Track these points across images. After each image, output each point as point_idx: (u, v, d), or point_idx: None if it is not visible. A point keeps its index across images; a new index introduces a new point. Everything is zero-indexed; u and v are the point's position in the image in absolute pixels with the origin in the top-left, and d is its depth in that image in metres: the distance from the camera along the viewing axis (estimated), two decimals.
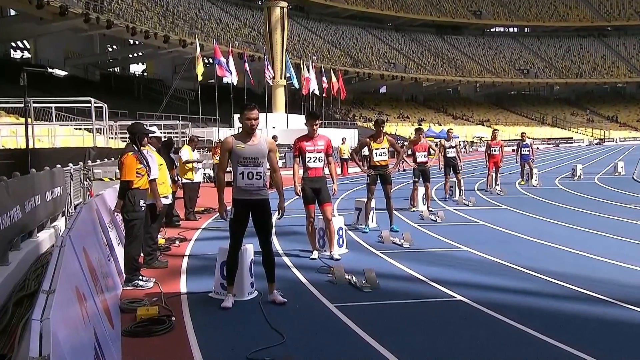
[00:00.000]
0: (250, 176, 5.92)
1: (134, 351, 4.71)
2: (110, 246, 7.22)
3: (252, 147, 5.94)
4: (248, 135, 5.96)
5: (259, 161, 5.96)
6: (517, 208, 13.68)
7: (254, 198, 5.97)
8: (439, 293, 6.36)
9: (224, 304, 5.88)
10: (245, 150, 5.92)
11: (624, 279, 6.77)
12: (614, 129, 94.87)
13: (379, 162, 10.30)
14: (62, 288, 3.04)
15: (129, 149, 7.02)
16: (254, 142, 5.97)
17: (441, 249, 8.96)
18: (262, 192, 6.01)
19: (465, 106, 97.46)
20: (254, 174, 5.93)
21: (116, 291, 6.31)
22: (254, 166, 5.92)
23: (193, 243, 9.82)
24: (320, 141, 8.30)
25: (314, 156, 8.27)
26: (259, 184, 5.97)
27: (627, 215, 11.99)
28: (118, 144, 22.56)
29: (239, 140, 5.97)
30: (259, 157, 5.97)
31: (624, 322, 5.27)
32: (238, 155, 5.92)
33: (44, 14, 43.41)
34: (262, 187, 6.00)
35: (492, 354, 4.58)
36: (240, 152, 5.91)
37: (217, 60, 40.85)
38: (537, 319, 5.35)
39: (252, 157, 5.92)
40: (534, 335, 4.92)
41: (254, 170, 5.92)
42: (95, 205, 7.27)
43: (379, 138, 10.29)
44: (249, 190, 5.94)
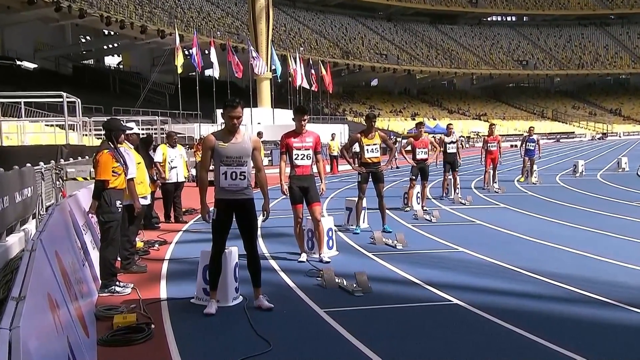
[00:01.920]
0: (234, 176, 5.89)
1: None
2: (85, 250, 7.18)
3: (236, 146, 5.90)
4: (231, 133, 5.93)
5: (242, 160, 5.92)
6: (516, 207, 13.76)
7: (238, 198, 5.95)
8: (434, 297, 6.38)
9: (207, 310, 5.85)
10: (228, 149, 5.88)
11: (629, 280, 6.83)
12: (617, 123, 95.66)
13: (371, 159, 10.29)
14: (32, 295, 3.02)
15: (104, 147, 6.99)
16: (237, 140, 5.93)
17: (436, 250, 8.99)
18: (246, 192, 5.98)
19: (461, 99, 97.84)
20: (238, 174, 5.90)
21: (91, 298, 6.28)
22: (238, 166, 5.89)
23: (173, 246, 9.79)
24: (309, 138, 8.27)
25: (302, 153, 8.24)
26: (243, 185, 5.94)
27: (632, 214, 12.09)
28: (93, 142, 22.43)
29: (222, 139, 5.92)
30: (243, 156, 5.93)
31: (630, 326, 5.31)
32: (221, 155, 5.88)
33: (12, 3, 43.08)
34: (246, 187, 5.97)
35: (489, 359, 4.60)
36: (222, 151, 5.88)
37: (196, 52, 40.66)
38: (538, 323, 5.38)
39: (236, 157, 5.89)
40: (534, 341, 4.95)
41: (238, 170, 5.89)
42: (68, 207, 7.22)
43: (371, 133, 10.27)
44: (233, 190, 5.92)
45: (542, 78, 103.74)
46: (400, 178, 22.04)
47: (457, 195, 14.84)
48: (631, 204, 13.89)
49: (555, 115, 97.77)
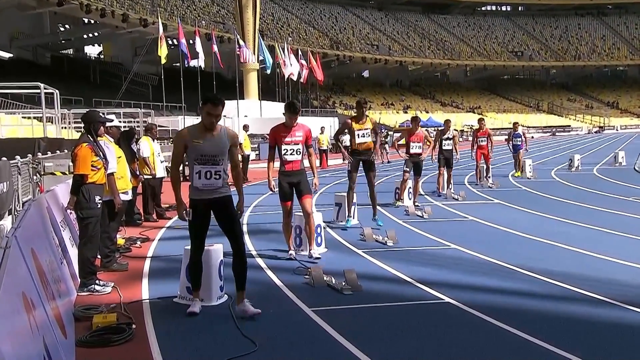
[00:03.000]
0: (209, 175, 5.72)
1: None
2: (63, 247, 7.13)
3: (211, 143, 5.72)
4: (207, 130, 5.74)
5: (218, 159, 5.75)
6: (510, 202, 13.81)
7: (214, 197, 5.80)
8: (426, 295, 6.39)
9: (191, 309, 5.80)
10: (203, 147, 5.69)
11: (626, 278, 6.87)
12: (614, 116, 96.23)
13: (361, 145, 10.32)
14: (6, 294, 2.98)
15: (83, 140, 6.94)
16: (213, 137, 5.74)
17: (428, 247, 9.00)
18: (222, 190, 5.84)
19: (454, 92, 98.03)
20: (213, 173, 5.72)
21: (69, 297, 6.24)
22: (213, 164, 5.71)
23: (156, 243, 9.75)
24: (299, 131, 8.15)
25: (292, 148, 8.13)
26: (218, 184, 5.78)
27: (629, 210, 12.17)
28: (72, 135, 22.26)
29: (196, 135, 5.74)
30: (219, 154, 5.76)
31: (626, 325, 5.34)
32: (195, 153, 5.71)
33: None
34: (222, 186, 5.83)
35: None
36: (197, 148, 5.70)
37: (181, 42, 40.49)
38: (533, 322, 5.40)
39: (211, 155, 5.71)
40: (528, 340, 4.97)
41: (213, 169, 5.72)
42: (45, 202, 7.17)
43: (362, 119, 10.33)
44: (208, 190, 5.78)
45: (538, 70, 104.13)
46: (393, 173, 22.07)
47: (450, 191, 14.87)
48: (628, 199, 13.98)
49: (551, 108, 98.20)
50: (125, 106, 36.59)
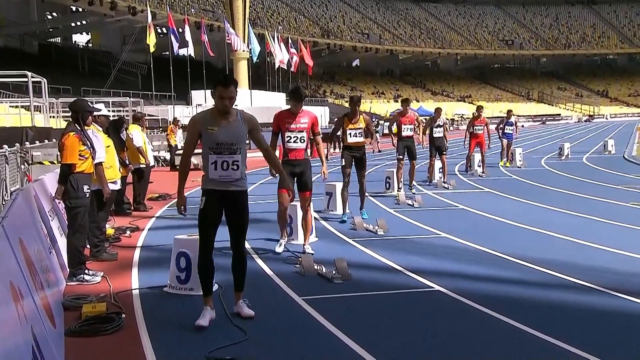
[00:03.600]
0: (225, 166, 5.22)
1: (79, 352, 4.64)
2: (52, 237, 7.09)
3: (227, 130, 5.22)
4: (222, 116, 5.25)
5: (235, 147, 5.24)
6: (501, 191, 13.86)
7: (229, 190, 5.32)
8: (416, 283, 6.40)
9: (199, 322, 5.18)
10: (219, 135, 5.19)
11: (615, 266, 6.91)
12: (604, 105, 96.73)
13: (354, 144, 10.05)
14: None
15: (70, 129, 6.88)
16: (229, 123, 5.25)
17: (419, 236, 9.02)
18: (239, 183, 5.35)
19: (445, 81, 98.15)
20: (230, 163, 5.23)
21: (59, 287, 6.21)
22: (230, 154, 5.22)
23: (146, 233, 9.71)
24: (304, 118, 7.87)
25: (296, 136, 7.83)
26: (235, 175, 5.28)
27: (618, 198, 12.23)
28: (60, 124, 22.12)
29: (211, 122, 5.24)
30: (236, 142, 5.25)
31: (616, 313, 5.37)
32: (210, 141, 5.22)
33: None
34: (240, 178, 5.34)
35: (474, 349, 4.63)
36: (212, 136, 5.20)
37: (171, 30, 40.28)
38: (523, 310, 5.43)
39: (228, 143, 5.20)
40: (519, 328, 4.99)
41: (230, 159, 5.22)
42: (33, 192, 7.12)
43: (355, 117, 10.03)
44: (224, 182, 5.29)
45: (528, 58, 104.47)
46: (383, 162, 22.08)
47: (440, 180, 14.87)
48: (617, 187, 14.06)
49: (541, 96, 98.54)
50: (114, 95, 36.35)
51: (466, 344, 4.73)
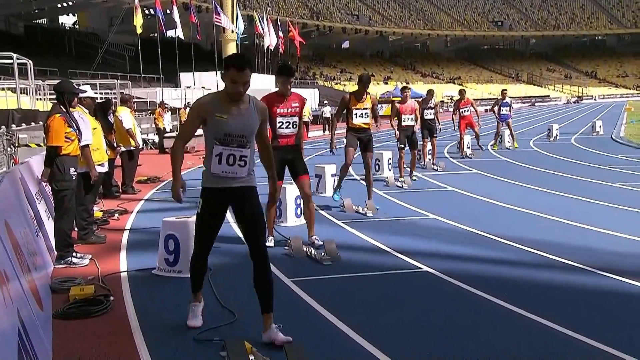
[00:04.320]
0: (231, 160, 4.48)
1: (66, 335, 4.63)
2: (39, 220, 7.05)
3: (239, 120, 4.46)
4: (233, 102, 4.48)
5: (245, 140, 4.50)
6: (489, 172, 13.90)
7: (235, 186, 4.57)
8: (405, 264, 6.42)
9: (191, 322, 4.78)
10: (228, 124, 4.43)
11: (603, 246, 6.96)
12: (592, 86, 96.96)
13: (359, 125, 9.28)
14: None
15: (56, 111, 6.81)
16: (240, 111, 4.49)
17: (408, 217, 9.04)
18: (247, 180, 4.61)
19: (434, 62, 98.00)
20: (237, 157, 4.50)
21: (46, 270, 6.19)
22: (239, 147, 4.48)
23: (134, 216, 9.69)
24: (295, 102, 7.30)
25: (287, 121, 7.23)
26: (241, 173, 4.54)
27: (606, 178, 12.30)
28: (46, 106, 21.90)
29: (221, 108, 4.45)
30: (247, 134, 4.52)
31: (604, 292, 5.42)
32: (217, 130, 4.45)
33: None
34: (247, 175, 4.60)
35: (462, 329, 4.65)
36: (220, 125, 4.43)
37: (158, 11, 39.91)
38: (511, 290, 5.46)
39: (237, 135, 4.47)
40: (507, 308, 5.02)
41: (238, 152, 4.49)
42: (19, 174, 7.06)
43: (362, 97, 9.28)
44: (228, 178, 4.55)
45: (517, 39, 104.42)
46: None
47: (430, 162, 14.88)
48: (605, 168, 14.13)
49: (530, 78, 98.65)
50: (101, 77, 36.00)
51: (454, 324, 4.75)
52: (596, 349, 4.17)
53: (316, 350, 4.08)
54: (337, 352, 4.25)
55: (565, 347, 4.23)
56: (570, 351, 4.16)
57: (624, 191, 10.79)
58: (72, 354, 4.31)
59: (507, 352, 4.16)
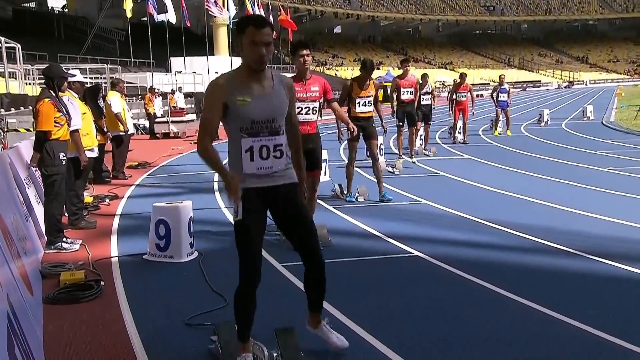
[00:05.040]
0: (265, 153, 3.63)
1: (57, 319, 4.63)
2: (29, 205, 7.02)
3: (265, 101, 3.61)
4: (256, 77, 3.63)
5: (277, 125, 3.66)
6: (480, 158, 13.92)
7: (275, 185, 3.71)
8: (395, 249, 6.44)
9: None
10: (253, 108, 3.56)
11: (592, 230, 7.00)
12: (584, 71, 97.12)
13: (362, 114, 8.76)
14: None
15: (45, 95, 6.76)
16: (265, 89, 3.64)
17: (399, 202, 9.04)
18: (286, 173, 3.77)
19: (426, 47, 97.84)
20: (271, 148, 3.64)
21: (36, 255, 6.17)
22: (270, 135, 3.63)
23: (125, 201, 9.66)
24: (314, 86, 6.73)
25: (307, 106, 6.64)
26: (279, 165, 3.70)
27: (596, 163, 12.35)
28: (36, 91, 21.73)
29: (241, 88, 3.58)
30: (278, 117, 3.67)
31: (593, 276, 5.45)
32: (241, 118, 3.57)
33: None
34: (286, 168, 3.78)
35: (452, 312, 4.68)
36: (244, 111, 3.56)
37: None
38: (499, 274, 5.49)
39: (266, 119, 3.61)
40: (495, 291, 5.05)
41: (271, 141, 3.63)
42: (8, 159, 7.01)
43: (365, 84, 8.73)
44: (265, 175, 3.66)
45: (509, 24, 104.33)
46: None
47: (422, 147, 14.86)
48: (594, 152, 14.19)
49: (522, 63, 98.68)
50: (91, 62, 35.76)
51: (444, 307, 4.77)
52: (583, 330, 4.20)
53: (307, 333, 4.09)
54: None
55: (549, 328, 4.26)
56: (555, 332, 4.19)
57: (614, 176, 10.85)
58: (63, 338, 4.31)
59: (495, 333, 4.19)
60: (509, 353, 3.93)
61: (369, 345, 4.12)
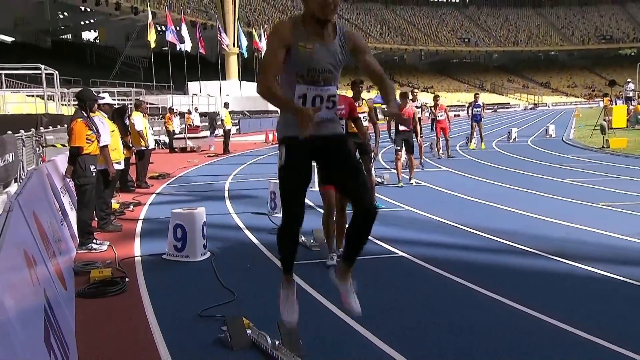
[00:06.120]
0: (318, 102, 3.21)
1: (87, 311, 4.62)
2: (63, 211, 7.01)
3: (326, 50, 3.19)
4: (318, 28, 3.17)
5: (332, 76, 3.25)
6: (458, 170, 13.92)
7: (322, 134, 3.25)
8: (383, 250, 6.43)
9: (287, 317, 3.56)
10: (313, 55, 3.15)
11: (553, 233, 6.99)
12: (547, 95, 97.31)
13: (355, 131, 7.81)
14: (8, 252, 2.91)
15: (78, 115, 6.77)
16: (326, 38, 3.20)
17: (386, 209, 9.02)
18: (334, 125, 3.38)
19: (410, 74, 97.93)
20: (325, 98, 3.24)
21: (70, 254, 6.15)
22: (325, 84, 3.22)
23: (147, 207, 9.64)
24: (341, 104, 5.94)
25: None
26: (329, 115, 3.31)
27: (557, 175, 12.35)
28: (70, 111, 21.70)
29: (303, 34, 3.15)
30: (334, 68, 3.25)
31: (554, 273, 5.44)
32: (299, 63, 3.15)
33: None
34: (334, 120, 3.39)
35: (433, 305, 4.67)
36: (304, 57, 3.13)
37: (169, 28, 39.71)
38: (474, 272, 5.48)
39: (324, 69, 3.20)
40: (471, 287, 5.04)
41: (325, 92, 3.23)
42: (46, 171, 7.01)
43: (357, 102, 7.69)
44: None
45: (482, 54, 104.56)
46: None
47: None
48: (556, 166, 14.19)
49: (494, 87, 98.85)
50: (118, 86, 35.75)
51: (425, 300, 4.77)
52: (544, 321, 4.20)
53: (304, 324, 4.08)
54: (324, 326, 4.27)
55: (515, 318, 4.26)
56: (520, 321, 4.19)
57: (573, 186, 10.85)
58: (92, 328, 4.30)
59: (467, 321, 4.19)
60: (479, 338, 3.93)
61: (358, 334, 4.11)
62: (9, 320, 2.27)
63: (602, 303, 4.61)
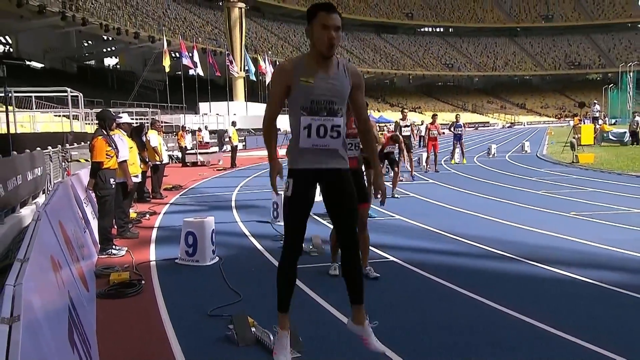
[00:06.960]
0: (322, 132, 3.14)
1: (107, 311, 4.60)
2: (86, 219, 7.01)
3: (327, 83, 3.14)
4: (322, 62, 3.14)
5: (336, 107, 3.16)
6: (442, 182, 13.94)
7: (328, 167, 3.20)
8: (375, 255, 6.42)
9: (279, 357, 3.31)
10: (315, 88, 3.11)
11: (528, 240, 7.00)
12: (522, 114, 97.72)
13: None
14: (37, 257, 2.91)
15: (98, 133, 6.80)
16: (329, 73, 3.16)
17: (378, 218, 9.02)
18: (339, 158, 3.25)
19: (400, 95, 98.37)
20: (329, 128, 3.15)
21: (92, 259, 6.14)
22: (329, 115, 3.14)
23: (162, 216, 9.63)
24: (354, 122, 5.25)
25: (350, 142, 5.06)
26: (334, 145, 3.20)
27: (532, 187, 12.38)
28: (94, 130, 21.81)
29: (306, 70, 3.12)
30: (338, 99, 3.17)
31: (528, 276, 5.45)
32: (303, 96, 3.12)
33: (24, 12, 41.45)
34: (340, 150, 3.25)
35: (419, 304, 4.67)
36: (306, 90, 3.11)
37: (183, 54, 39.91)
38: (457, 275, 5.48)
39: (326, 101, 3.13)
40: (453, 289, 5.04)
41: (329, 122, 3.14)
42: (70, 183, 7.02)
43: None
44: (319, 153, 3.17)
45: (464, 78, 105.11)
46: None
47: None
48: (531, 179, 14.22)
49: (475, 108, 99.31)
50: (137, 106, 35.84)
51: (413, 300, 4.76)
52: (520, 320, 4.20)
53: (304, 324, 4.08)
54: (322, 326, 4.25)
55: (493, 317, 4.25)
56: (498, 320, 4.19)
57: (546, 197, 10.87)
58: (112, 326, 4.28)
59: (450, 319, 4.18)
60: (462, 335, 3.92)
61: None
62: (37, 319, 2.28)
63: (571, 302, 4.61)
